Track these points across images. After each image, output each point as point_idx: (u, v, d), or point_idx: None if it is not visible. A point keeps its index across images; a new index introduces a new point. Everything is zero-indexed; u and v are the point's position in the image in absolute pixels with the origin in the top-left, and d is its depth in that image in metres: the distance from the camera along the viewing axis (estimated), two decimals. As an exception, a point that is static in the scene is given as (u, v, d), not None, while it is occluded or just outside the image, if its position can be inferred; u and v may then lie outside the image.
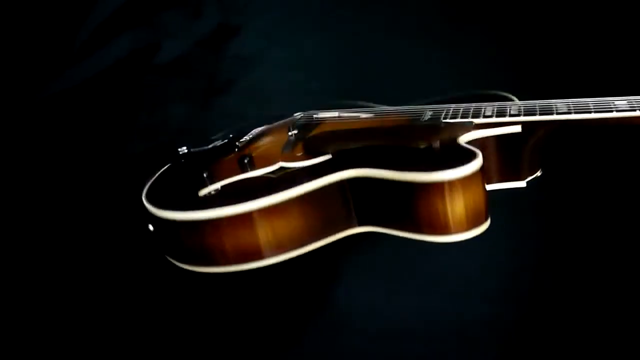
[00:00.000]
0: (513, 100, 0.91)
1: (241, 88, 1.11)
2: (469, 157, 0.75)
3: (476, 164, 0.74)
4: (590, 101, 0.82)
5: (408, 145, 0.82)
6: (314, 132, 0.94)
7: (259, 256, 0.80)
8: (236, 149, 0.95)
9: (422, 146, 0.80)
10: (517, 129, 0.83)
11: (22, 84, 1.28)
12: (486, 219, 0.79)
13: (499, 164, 0.88)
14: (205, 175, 0.87)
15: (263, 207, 0.76)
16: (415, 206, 0.76)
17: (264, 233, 0.78)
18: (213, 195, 0.84)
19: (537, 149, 0.87)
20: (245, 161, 0.88)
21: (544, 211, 0.92)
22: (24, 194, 1.16)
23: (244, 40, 1.17)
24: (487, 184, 0.88)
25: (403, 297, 0.89)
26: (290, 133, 0.93)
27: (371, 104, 1.03)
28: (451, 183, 0.73)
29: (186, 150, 1.00)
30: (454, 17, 1.26)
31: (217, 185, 0.86)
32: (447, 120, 0.86)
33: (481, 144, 0.83)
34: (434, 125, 0.86)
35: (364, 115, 0.96)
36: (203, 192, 0.85)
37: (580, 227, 0.91)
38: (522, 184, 0.89)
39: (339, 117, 0.97)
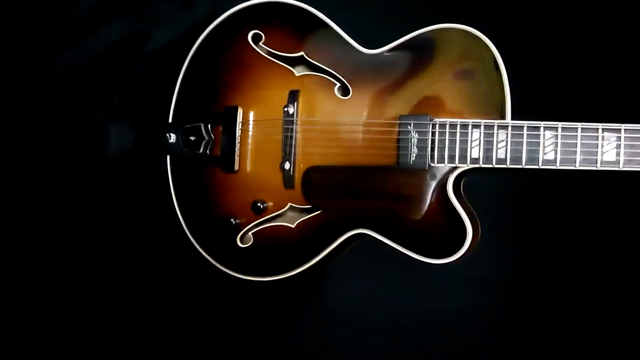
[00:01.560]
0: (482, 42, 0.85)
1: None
2: (460, 234, 0.84)
3: (467, 245, 0.84)
4: (579, 128, 0.80)
5: (402, 211, 0.89)
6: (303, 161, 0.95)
7: None
8: (234, 169, 0.99)
9: (417, 217, 0.88)
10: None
11: (12, 69, 1.21)
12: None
13: None
14: (233, 222, 0.98)
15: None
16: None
17: None
18: (253, 247, 0.97)
19: None
20: (261, 208, 0.96)
21: (534, 204, 0.98)
22: (17, 182, 1.20)
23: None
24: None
25: (392, 290, 1.02)
26: (286, 168, 0.95)
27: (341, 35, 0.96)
28: None
29: (174, 140, 1.02)
30: (448, 12, 1.03)
31: (249, 233, 0.98)
32: (434, 165, 0.86)
33: None
34: (422, 171, 0.87)
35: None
36: (239, 237, 0.98)
37: (570, 220, 0.98)
38: None
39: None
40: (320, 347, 0.99)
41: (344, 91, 0.94)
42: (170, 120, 1.05)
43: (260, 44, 1.00)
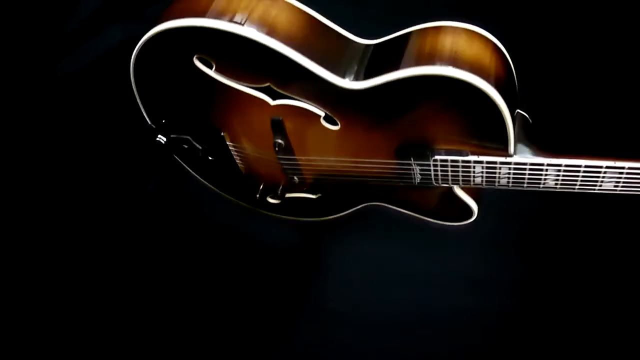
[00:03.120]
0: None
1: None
2: (467, 212, 0.93)
3: (474, 217, 0.95)
4: (582, 169, 0.79)
5: (413, 207, 0.96)
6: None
7: None
8: (244, 174, 0.99)
9: (428, 209, 0.96)
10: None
11: (14, 71, 1.16)
12: None
13: None
14: (257, 197, 1.03)
15: None
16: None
17: None
18: (281, 203, 1.05)
19: None
20: (279, 192, 1.01)
21: (535, 205, 0.95)
22: (18, 183, 1.17)
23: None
24: None
25: (392, 290, 1.02)
26: (296, 182, 0.95)
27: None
28: None
29: (165, 140, 1.02)
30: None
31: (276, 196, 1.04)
32: (439, 185, 0.87)
33: None
34: (427, 187, 0.89)
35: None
36: (268, 198, 1.06)
37: (571, 221, 0.95)
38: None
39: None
40: (320, 347, 0.99)
41: (332, 122, 0.85)
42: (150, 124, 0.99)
43: (214, 70, 0.83)
